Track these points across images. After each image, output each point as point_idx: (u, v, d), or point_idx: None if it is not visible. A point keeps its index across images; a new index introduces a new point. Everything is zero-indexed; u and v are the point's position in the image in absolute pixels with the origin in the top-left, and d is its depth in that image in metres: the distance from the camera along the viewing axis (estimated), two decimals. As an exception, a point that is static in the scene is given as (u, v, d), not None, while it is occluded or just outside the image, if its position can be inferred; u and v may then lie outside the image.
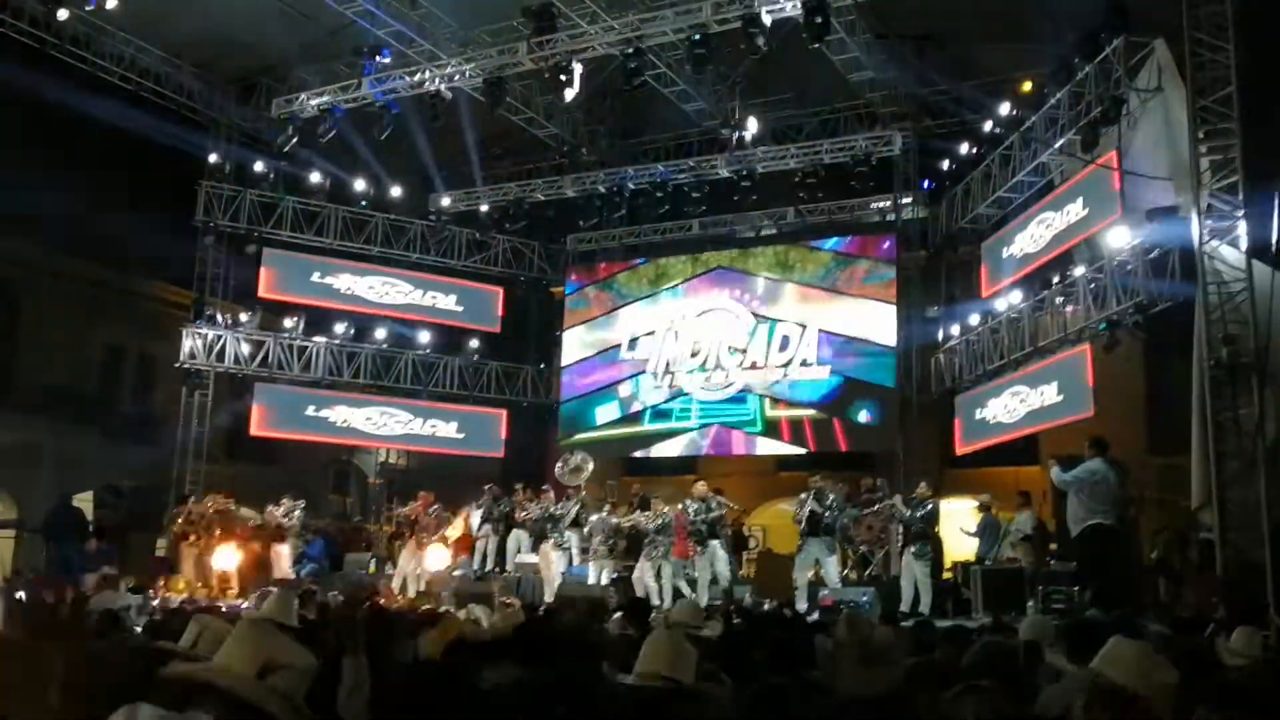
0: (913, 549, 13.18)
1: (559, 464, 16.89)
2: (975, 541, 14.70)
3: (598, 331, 21.38)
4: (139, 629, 7.34)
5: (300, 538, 16.89)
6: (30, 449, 18.10)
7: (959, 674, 3.97)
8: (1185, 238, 11.27)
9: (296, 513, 16.72)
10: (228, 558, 15.88)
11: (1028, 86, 15.95)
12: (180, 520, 16.28)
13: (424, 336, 21.50)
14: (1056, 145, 14.67)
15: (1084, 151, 13.70)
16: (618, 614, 7.82)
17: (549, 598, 14.02)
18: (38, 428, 17.93)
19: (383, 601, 12.71)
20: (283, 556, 16.23)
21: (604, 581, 14.36)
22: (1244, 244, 10.50)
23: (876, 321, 18.74)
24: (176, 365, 19.60)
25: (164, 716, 2.06)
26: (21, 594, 9.70)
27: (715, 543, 14.15)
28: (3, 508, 18.96)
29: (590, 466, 16.67)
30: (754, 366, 19.58)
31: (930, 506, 13.56)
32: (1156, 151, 12.44)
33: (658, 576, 14.03)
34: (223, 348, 19.66)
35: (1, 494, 19.11)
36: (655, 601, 13.37)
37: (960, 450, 17.54)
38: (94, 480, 17.93)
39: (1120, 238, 13.23)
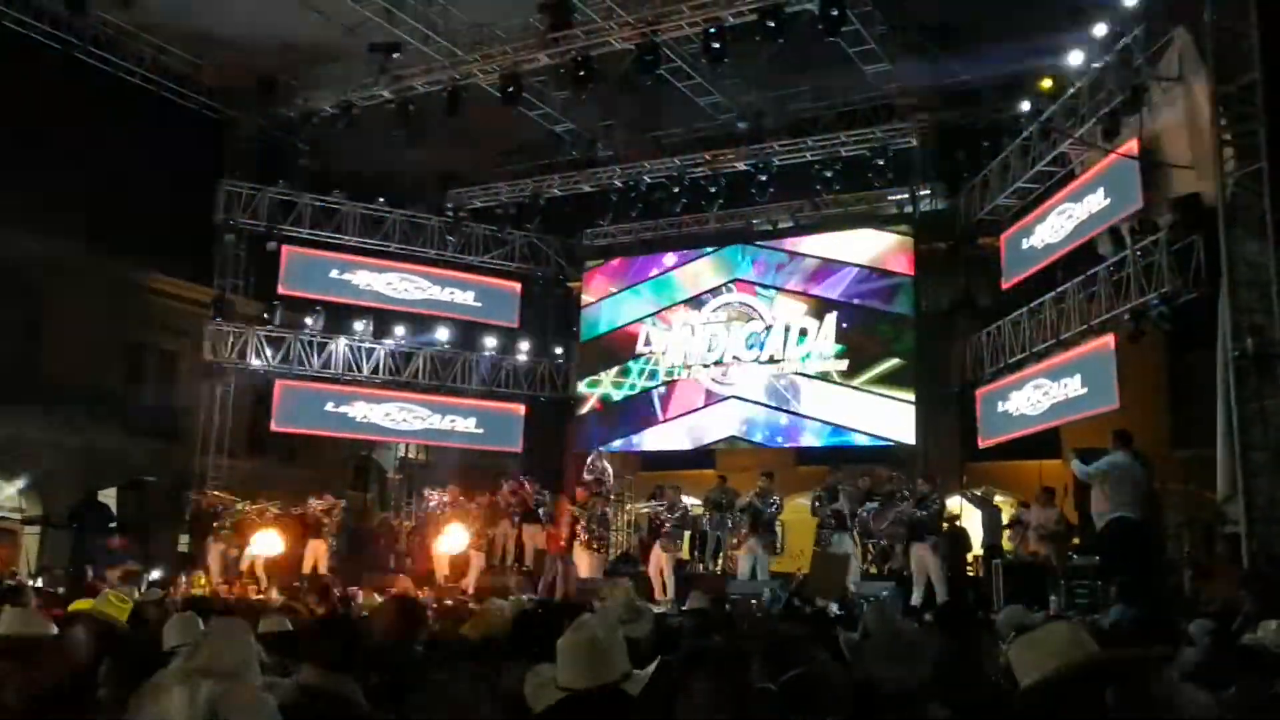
0: (926, 543, 13.12)
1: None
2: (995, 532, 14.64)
3: (615, 327, 21.38)
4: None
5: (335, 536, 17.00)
6: (53, 445, 18.20)
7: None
8: (1209, 226, 11.17)
9: (335, 511, 16.85)
10: (267, 546, 15.99)
11: (1048, 84, 15.78)
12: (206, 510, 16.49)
13: (443, 332, 21.56)
14: (1077, 135, 14.54)
15: (1105, 141, 13.58)
16: None
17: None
18: (61, 424, 18.02)
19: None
20: (321, 552, 16.31)
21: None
22: (1269, 232, 10.39)
23: (895, 315, 18.71)
24: (198, 361, 19.74)
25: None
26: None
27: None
28: (26, 503, 19.08)
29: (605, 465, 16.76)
30: (771, 360, 19.54)
31: (936, 504, 13.52)
32: (1179, 140, 12.31)
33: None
34: (243, 344, 19.77)
35: (25, 489, 19.23)
36: (659, 596, 13.42)
37: (982, 444, 17.43)
38: (116, 476, 18.01)
39: (1143, 228, 13.11)
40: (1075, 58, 14.39)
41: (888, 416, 18.36)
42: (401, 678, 3.60)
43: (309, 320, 20.53)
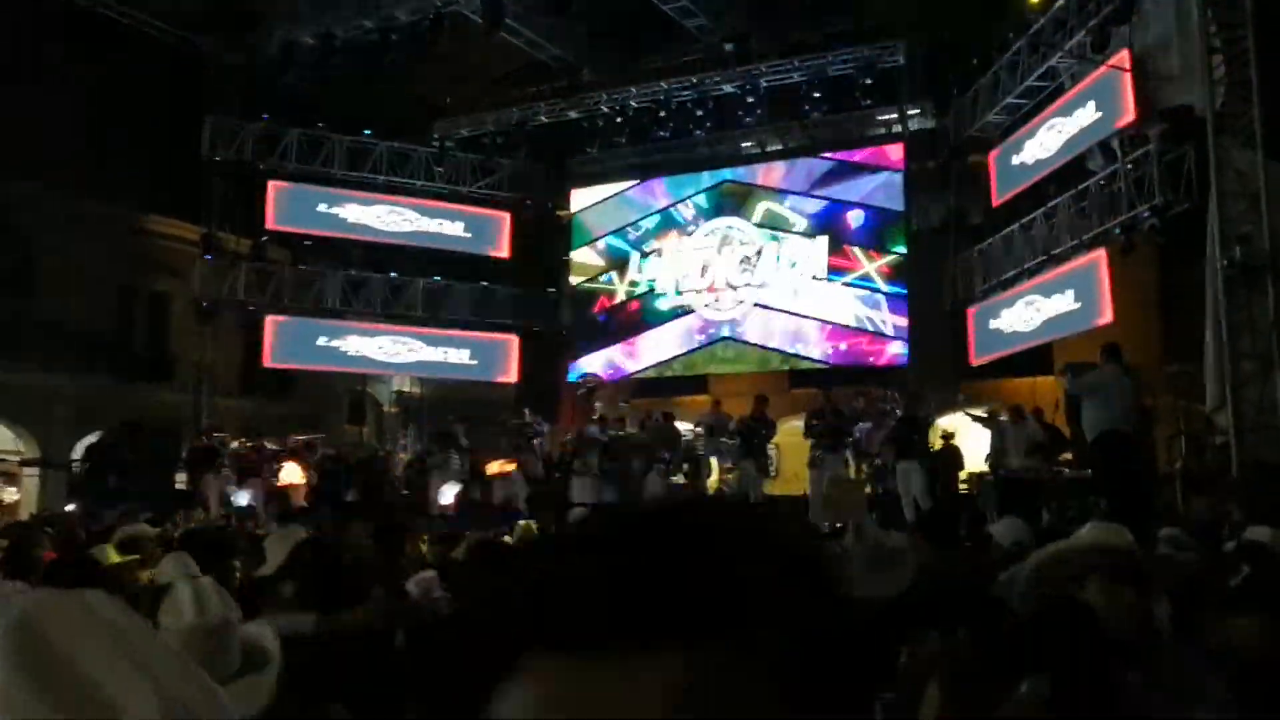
0: (912, 460, 13.17)
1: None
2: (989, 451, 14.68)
3: (606, 253, 21.32)
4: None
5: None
6: (49, 390, 18.25)
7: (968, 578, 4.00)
8: (1199, 137, 11.09)
9: (316, 445, 16.93)
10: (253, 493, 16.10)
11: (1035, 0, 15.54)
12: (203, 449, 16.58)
13: (434, 263, 21.47)
14: (1066, 47, 14.37)
15: (1094, 53, 13.42)
16: None
17: None
18: (56, 369, 18.03)
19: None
20: (299, 488, 16.40)
21: None
22: (1258, 141, 10.32)
23: (887, 211, 18.77)
24: (189, 300, 19.68)
25: None
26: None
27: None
28: (25, 447, 19.17)
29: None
30: (763, 285, 19.52)
31: (927, 422, 13.59)
32: (1169, 50, 12.16)
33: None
34: (233, 281, 19.67)
35: (24, 434, 19.30)
36: None
37: (975, 361, 17.47)
38: (111, 418, 18.05)
39: (1133, 141, 13.02)
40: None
41: (879, 312, 18.59)
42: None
43: (298, 254, 20.43)
